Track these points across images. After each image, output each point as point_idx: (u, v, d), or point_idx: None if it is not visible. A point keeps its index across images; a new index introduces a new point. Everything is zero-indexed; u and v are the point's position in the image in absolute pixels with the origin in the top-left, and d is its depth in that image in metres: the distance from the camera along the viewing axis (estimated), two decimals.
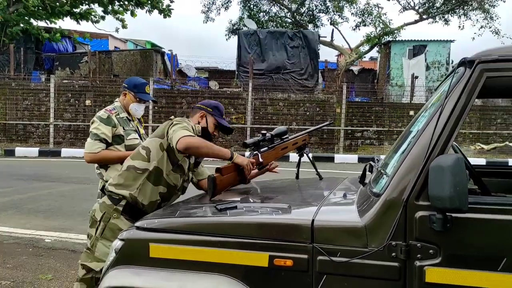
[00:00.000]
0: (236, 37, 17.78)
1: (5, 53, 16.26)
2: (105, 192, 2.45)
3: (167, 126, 2.35)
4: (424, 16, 20.78)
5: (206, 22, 22.71)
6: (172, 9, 17.62)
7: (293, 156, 11.40)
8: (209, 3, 22.38)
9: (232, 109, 14.55)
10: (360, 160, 12.55)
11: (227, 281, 1.72)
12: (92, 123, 2.96)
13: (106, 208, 2.39)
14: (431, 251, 1.56)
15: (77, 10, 17.30)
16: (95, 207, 2.45)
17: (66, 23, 43.12)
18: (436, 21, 20.92)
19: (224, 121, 2.59)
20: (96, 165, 2.97)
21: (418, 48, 20.48)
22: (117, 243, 1.90)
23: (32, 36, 16.89)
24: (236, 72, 16.68)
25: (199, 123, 2.55)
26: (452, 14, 20.67)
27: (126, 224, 2.32)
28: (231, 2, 22.53)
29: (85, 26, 23.29)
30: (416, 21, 20.77)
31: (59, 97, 14.44)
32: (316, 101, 14.79)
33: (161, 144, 2.35)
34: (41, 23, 17.53)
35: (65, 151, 12.82)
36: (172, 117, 2.47)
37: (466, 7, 20.09)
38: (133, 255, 1.86)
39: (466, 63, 1.67)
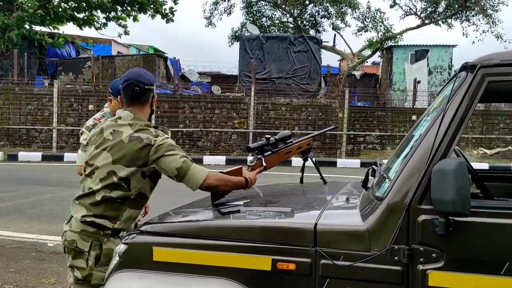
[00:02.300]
0: (238, 42, 17.85)
1: (8, 58, 16.36)
2: (84, 222, 2.11)
3: (151, 153, 2.05)
4: (426, 21, 20.81)
5: (207, 26, 22.83)
6: (175, 10, 17.69)
7: (296, 161, 11.39)
8: (212, 8, 22.52)
9: (234, 114, 14.58)
10: (363, 164, 12.54)
11: (230, 285, 1.72)
12: (82, 134, 2.83)
13: (92, 236, 2.11)
14: (433, 255, 1.56)
15: (80, 16, 17.40)
16: (72, 237, 2.12)
17: (69, 29, 43.30)
18: (439, 25, 20.94)
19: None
20: None
21: (420, 53, 20.50)
22: (121, 247, 1.90)
23: (35, 42, 16.98)
24: (239, 77, 16.73)
25: (151, 106, 2.27)
26: (455, 19, 20.69)
27: (118, 243, 2.06)
28: (233, 7, 22.66)
29: (88, 32, 23.45)
30: (418, 26, 20.81)
31: (62, 102, 14.49)
32: (319, 105, 14.81)
33: (143, 173, 2.10)
34: (44, 29, 17.64)
35: (68, 156, 12.84)
36: (144, 138, 2.07)
37: (468, 12, 20.12)
38: (137, 259, 1.86)
39: (467, 67, 1.68)
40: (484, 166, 11.56)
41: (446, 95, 1.76)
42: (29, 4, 15.28)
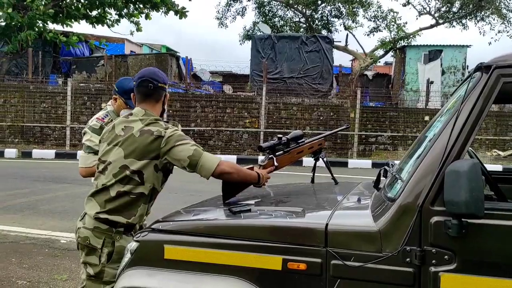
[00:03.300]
0: (250, 41, 17.86)
1: (23, 56, 16.57)
2: (97, 218, 2.13)
3: (162, 145, 2.07)
4: (440, 21, 20.61)
5: (220, 27, 22.92)
6: (187, 11, 17.77)
7: (307, 161, 11.37)
8: (224, 10, 22.60)
9: (245, 113, 14.59)
10: (374, 165, 12.46)
11: (241, 284, 1.73)
12: (84, 134, 2.74)
13: (105, 233, 2.13)
14: (446, 257, 1.55)
15: (93, 14, 17.56)
16: (85, 234, 2.15)
17: (83, 27, 43.80)
18: (453, 26, 20.72)
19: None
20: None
21: (433, 53, 20.31)
22: (133, 244, 1.92)
23: (50, 40, 17.18)
24: (250, 76, 16.74)
25: (163, 105, 2.29)
26: (470, 19, 20.46)
27: (130, 241, 2.08)
28: (246, 9, 22.70)
29: (102, 31, 23.66)
30: (432, 26, 20.61)
31: (76, 100, 14.65)
32: (330, 105, 14.76)
33: (155, 166, 2.11)
34: (58, 28, 17.85)
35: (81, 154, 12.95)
36: (154, 131, 2.10)
37: (483, 12, 19.88)
38: (148, 257, 1.87)
39: (482, 68, 1.66)
40: (498, 168, 11.41)
41: (460, 96, 1.74)
42: (37, 3, 15.45)
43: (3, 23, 16.10)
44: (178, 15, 17.66)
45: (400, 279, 1.59)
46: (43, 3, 15.65)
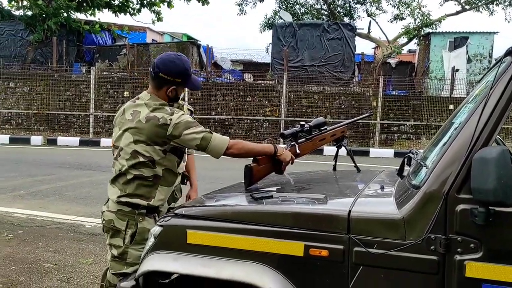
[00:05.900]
0: (270, 31, 17.73)
1: (48, 45, 16.87)
2: (119, 202, 2.19)
3: (168, 132, 2.10)
4: (467, 7, 20.03)
5: (239, 15, 22.82)
6: None
7: (328, 150, 11.31)
8: None
9: (266, 102, 14.56)
10: (396, 154, 12.32)
11: (263, 269, 1.74)
12: None
13: (128, 215, 2.19)
14: (472, 245, 1.52)
15: (116, 2, 17.71)
16: (110, 217, 2.21)
17: (105, 16, 44.27)
18: (480, 12, 20.10)
19: (195, 81, 2.34)
20: None
21: (459, 40, 19.75)
22: (156, 229, 1.95)
23: (74, 29, 17.41)
24: (271, 65, 16.65)
25: (168, 95, 2.24)
26: (497, 4, 19.81)
27: (152, 223, 2.18)
28: None
29: (123, 19, 23.82)
30: (458, 12, 20.06)
31: (99, 88, 14.86)
32: (352, 94, 14.59)
33: (163, 151, 2.16)
34: (81, 16, 18.08)
35: (105, 141, 13.19)
36: (160, 117, 2.11)
37: None
38: (171, 241, 1.90)
39: None
40: None
41: (489, 81, 1.70)
42: None
43: (29, 13, 16.39)
44: (201, 2, 17.68)
45: (424, 267, 1.57)
46: None
